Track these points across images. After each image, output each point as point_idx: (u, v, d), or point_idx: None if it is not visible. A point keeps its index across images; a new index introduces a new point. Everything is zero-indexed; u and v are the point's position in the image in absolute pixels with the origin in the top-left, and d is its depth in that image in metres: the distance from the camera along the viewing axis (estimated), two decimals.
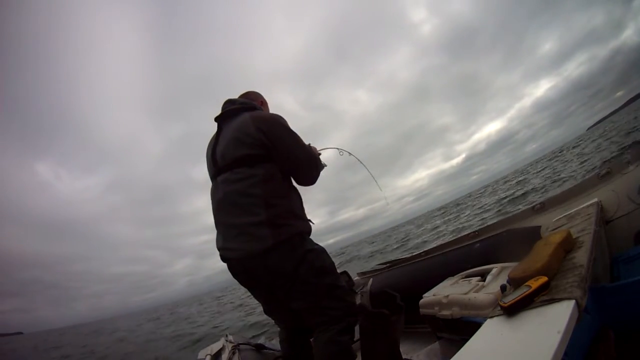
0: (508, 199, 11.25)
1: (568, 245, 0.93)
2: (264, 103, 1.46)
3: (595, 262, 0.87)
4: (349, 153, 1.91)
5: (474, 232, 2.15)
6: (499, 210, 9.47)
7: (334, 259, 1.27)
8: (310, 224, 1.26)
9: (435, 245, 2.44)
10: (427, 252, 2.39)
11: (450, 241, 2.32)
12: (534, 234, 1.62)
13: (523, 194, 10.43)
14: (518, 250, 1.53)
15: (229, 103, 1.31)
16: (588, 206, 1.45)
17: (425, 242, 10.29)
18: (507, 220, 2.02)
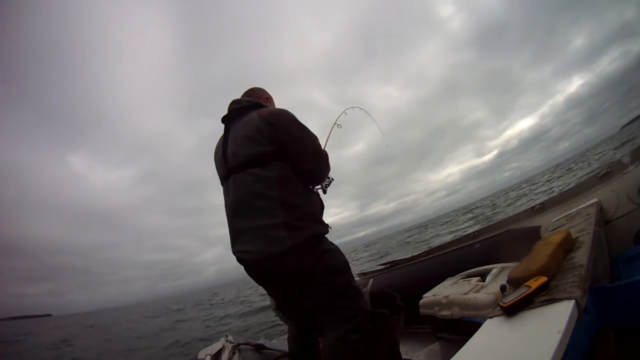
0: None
1: (568, 245, 0.93)
2: (269, 99, 1.44)
3: (595, 262, 0.87)
4: (356, 107, 1.93)
5: (474, 232, 2.16)
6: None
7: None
8: (329, 228, 1.24)
9: (435, 246, 2.44)
10: (427, 252, 2.40)
11: (450, 241, 2.32)
12: (534, 234, 1.63)
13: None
14: (518, 250, 1.54)
15: (234, 103, 1.30)
16: (588, 206, 1.45)
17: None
18: (507, 221, 2.02)
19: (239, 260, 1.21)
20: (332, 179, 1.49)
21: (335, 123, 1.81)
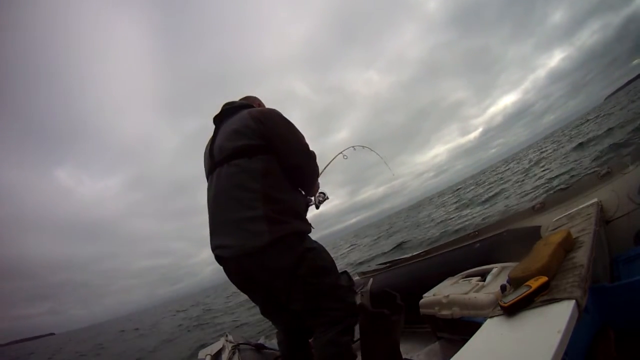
0: None
1: (568, 245, 0.93)
2: (261, 105, 1.47)
3: (595, 262, 0.87)
4: (362, 146, 2.02)
5: (474, 232, 2.15)
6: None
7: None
8: (311, 227, 1.23)
9: (435, 246, 2.44)
10: (427, 252, 2.39)
11: (451, 241, 2.32)
12: (534, 234, 1.62)
13: None
14: (518, 250, 1.53)
15: (227, 104, 1.32)
16: (588, 206, 1.45)
17: None
18: (507, 220, 2.02)
19: (217, 258, 1.16)
20: (327, 196, 1.50)
21: (341, 152, 1.90)
